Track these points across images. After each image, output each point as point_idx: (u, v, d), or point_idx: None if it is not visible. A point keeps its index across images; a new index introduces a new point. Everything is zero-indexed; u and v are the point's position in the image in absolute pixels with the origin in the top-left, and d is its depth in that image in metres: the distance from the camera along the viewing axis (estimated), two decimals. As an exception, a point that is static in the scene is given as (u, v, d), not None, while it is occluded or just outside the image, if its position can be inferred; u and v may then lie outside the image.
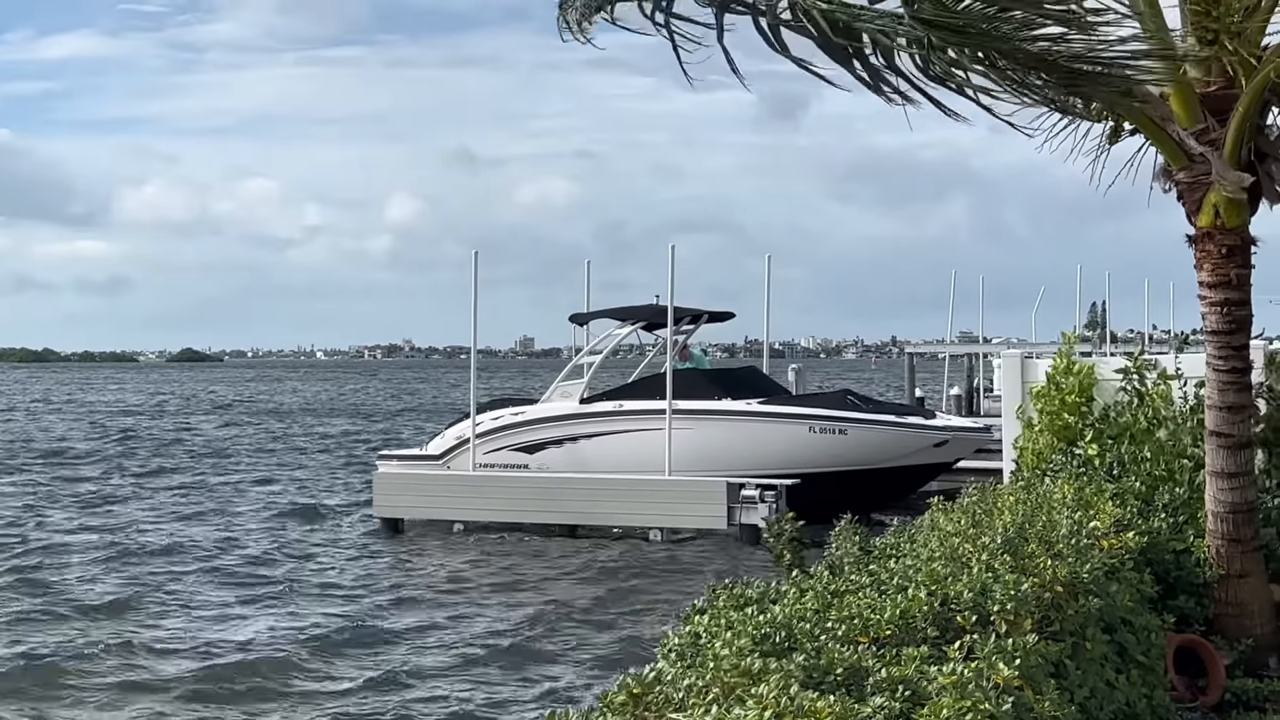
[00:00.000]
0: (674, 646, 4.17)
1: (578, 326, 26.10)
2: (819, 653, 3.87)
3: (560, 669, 13.51)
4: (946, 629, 4.30)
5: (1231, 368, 7.29)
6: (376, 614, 16.14)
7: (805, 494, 20.85)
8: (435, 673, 13.43)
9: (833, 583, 4.86)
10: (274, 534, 23.20)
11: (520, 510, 22.15)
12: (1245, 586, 7.34)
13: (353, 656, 14.03)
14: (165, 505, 27.49)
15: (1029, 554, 5.23)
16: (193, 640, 14.78)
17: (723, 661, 3.74)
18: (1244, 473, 7.34)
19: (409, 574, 19.23)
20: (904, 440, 22.80)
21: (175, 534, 23.05)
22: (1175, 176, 7.23)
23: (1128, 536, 6.53)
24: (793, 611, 4.30)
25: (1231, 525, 7.31)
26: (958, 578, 4.61)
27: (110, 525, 24.19)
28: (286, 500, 28.33)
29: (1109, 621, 5.43)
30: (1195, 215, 7.23)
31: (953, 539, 5.50)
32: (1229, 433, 7.30)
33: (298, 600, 17.18)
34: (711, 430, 22.57)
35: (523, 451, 23.56)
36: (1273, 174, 7.22)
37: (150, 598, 17.20)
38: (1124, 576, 6.01)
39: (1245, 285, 7.33)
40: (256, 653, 14.20)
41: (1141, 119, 7.19)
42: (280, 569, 19.50)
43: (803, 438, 22.58)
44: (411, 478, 23.58)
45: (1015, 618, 4.40)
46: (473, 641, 14.72)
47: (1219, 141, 6.98)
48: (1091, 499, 7.12)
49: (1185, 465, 8.17)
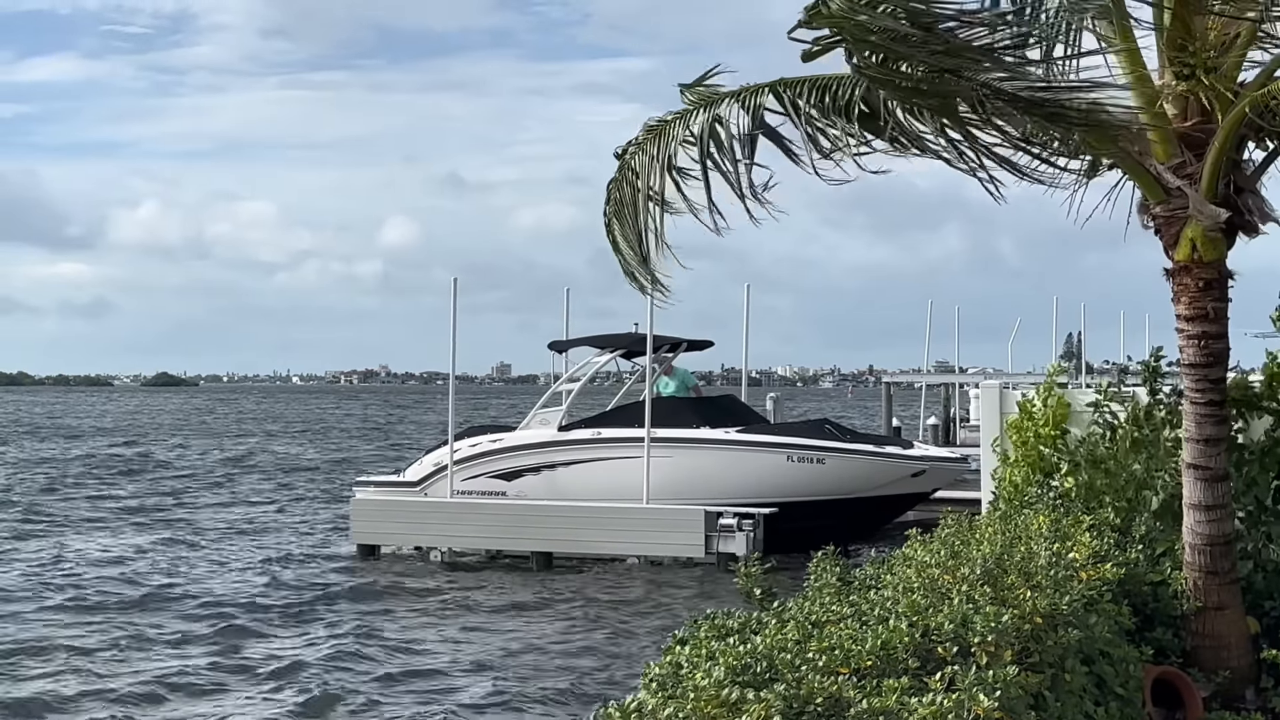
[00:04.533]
0: (655, 677, 4.16)
1: (557, 354, 26.10)
2: (799, 683, 3.87)
3: (539, 699, 13.43)
4: (927, 660, 4.30)
5: (1209, 400, 7.33)
6: (349, 641, 16.03)
7: (783, 523, 20.86)
8: (409, 702, 13.34)
9: (814, 613, 4.86)
10: (246, 561, 23.04)
11: (498, 537, 22.07)
12: (1223, 619, 7.36)
13: (325, 683, 13.91)
14: (115, 528, 27.31)
15: (1009, 585, 5.24)
16: (145, 667, 14.66)
17: (703, 692, 3.73)
18: (1221, 505, 7.37)
19: (384, 601, 19.11)
20: (881, 470, 22.84)
21: (128, 558, 22.90)
22: (1152, 210, 7.28)
23: (1105, 568, 6.55)
24: (774, 642, 4.30)
25: (1209, 558, 7.34)
26: (938, 609, 4.62)
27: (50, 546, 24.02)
28: (257, 526, 28.16)
29: (1088, 653, 5.45)
30: (1173, 249, 7.27)
31: (931, 570, 5.51)
32: (1206, 465, 7.33)
33: (270, 625, 17.05)
34: (689, 459, 22.56)
35: (501, 479, 23.49)
36: (1250, 208, 7.28)
37: (99, 621, 17.06)
38: (1102, 608, 6.02)
39: (1222, 319, 7.38)
40: (218, 681, 14.08)
41: (1118, 154, 7.24)
42: (254, 595, 19.37)
43: (780, 467, 22.58)
44: (388, 504, 23.48)
45: (996, 649, 4.41)
46: (449, 670, 14.63)
47: (1196, 176, 7.04)
48: (1069, 530, 7.14)
49: (1148, 497, 8.20)
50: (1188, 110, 7.17)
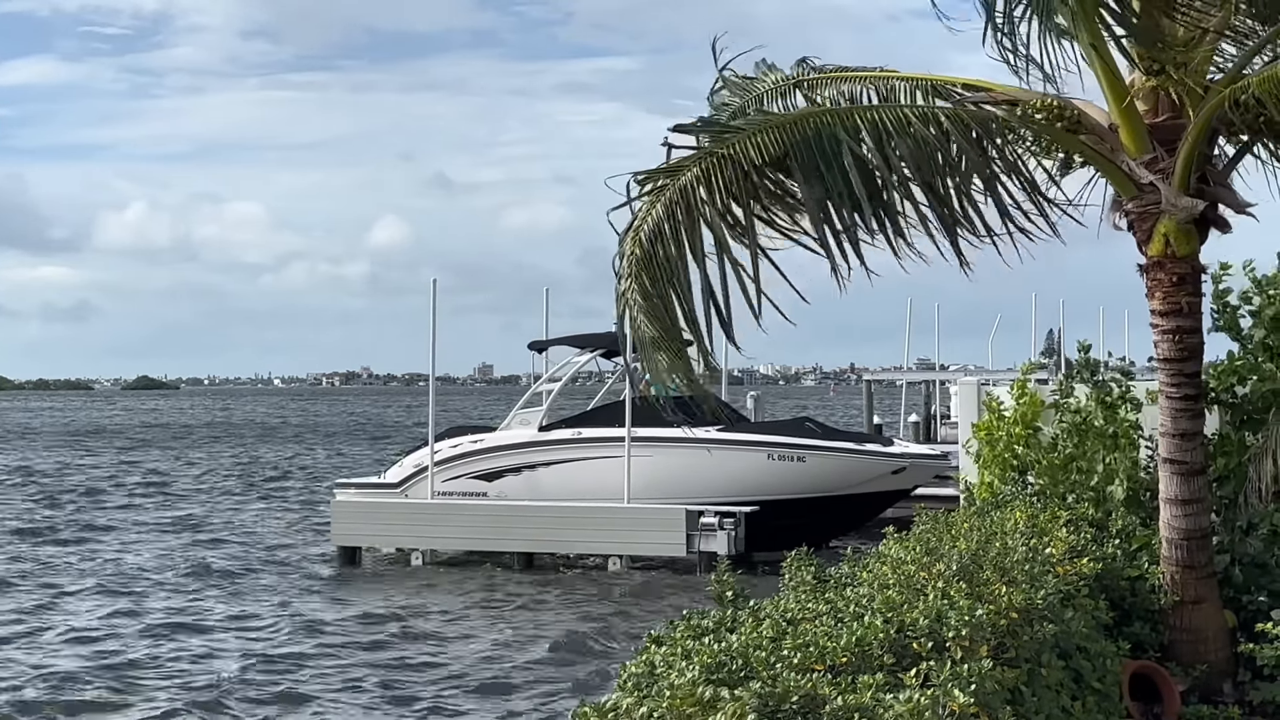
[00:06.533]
0: (630, 676, 4.15)
1: (536, 353, 26.05)
2: (774, 681, 3.86)
3: (517, 699, 13.42)
4: (903, 656, 4.30)
5: (1184, 395, 7.35)
6: (330, 643, 15.98)
7: (764, 521, 20.85)
8: (391, 703, 13.31)
9: (789, 611, 4.86)
10: (225, 565, 22.95)
11: (479, 538, 22.03)
12: (1200, 613, 7.39)
13: (306, 687, 13.87)
14: (99, 529, 27.18)
15: (984, 581, 5.25)
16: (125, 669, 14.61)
17: (678, 691, 3.72)
18: (1198, 499, 7.40)
19: (366, 603, 19.05)
20: (862, 467, 22.87)
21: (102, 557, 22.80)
22: (1125, 207, 7.30)
23: (1082, 563, 6.57)
24: (749, 640, 4.29)
25: (1186, 552, 7.37)
26: (914, 605, 4.62)
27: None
28: (235, 532, 28.07)
29: (1065, 648, 5.46)
30: (1146, 244, 7.30)
31: (907, 566, 5.51)
32: (1182, 459, 7.35)
33: (253, 629, 16.99)
34: (670, 458, 22.54)
35: (481, 479, 23.44)
36: (1222, 199, 7.32)
37: (77, 622, 16.99)
38: (1079, 603, 6.04)
39: (1196, 313, 7.41)
40: (199, 688, 14.03)
41: (1090, 152, 7.26)
42: (235, 595, 19.30)
43: (761, 465, 22.59)
44: (369, 506, 23.41)
45: (971, 644, 4.41)
46: (429, 671, 14.60)
47: (1168, 171, 7.07)
48: (1045, 525, 7.16)
49: (1113, 492, 8.23)
50: (1158, 106, 7.20)
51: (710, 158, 6.92)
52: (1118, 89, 7.09)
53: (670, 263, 6.85)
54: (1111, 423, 8.60)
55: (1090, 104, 7.33)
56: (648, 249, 6.86)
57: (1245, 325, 8.59)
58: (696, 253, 6.85)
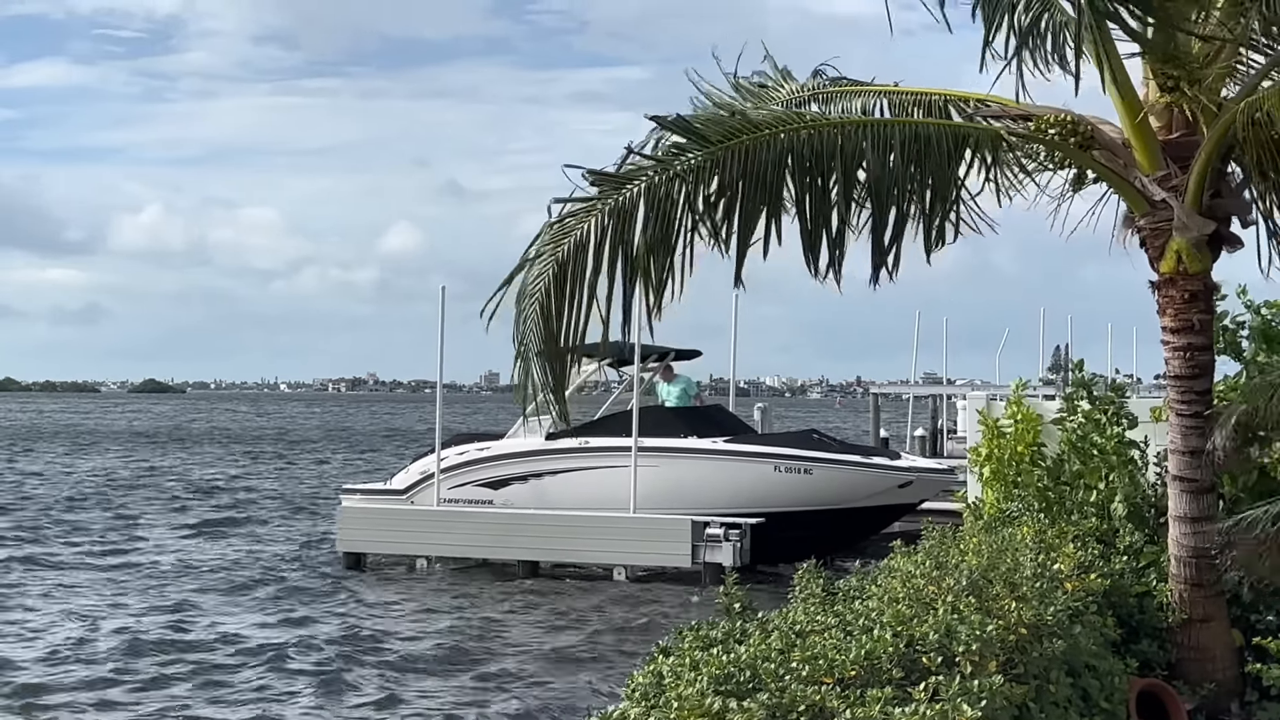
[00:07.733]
0: (638, 686, 4.14)
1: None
2: (783, 693, 3.85)
3: (521, 708, 13.38)
4: (912, 670, 4.29)
5: (1194, 412, 7.33)
6: (334, 650, 15.96)
7: (770, 533, 20.82)
8: (390, 709, 13.28)
9: (798, 623, 4.85)
10: (230, 570, 22.96)
11: (484, 546, 22.01)
12: (1207, 631, 7.36)
13: (310, 694, 13.86)
14: (101, 533, 27.21)
15: (994, 596, 5.23)
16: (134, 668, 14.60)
17: (685, 701, 3.72)
18: (1206, 517, 7.37)
19: (370, 610, 19.05)
20: (869, 481, 22.81)
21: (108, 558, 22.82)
22: (1138, 223, 7.29)
23: (1090, 579, 6.55)
24: (757, 651, 4.28)
25: (1194, 570, 7.34)
26: (923, 619, 4.61)
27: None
28: (242, 535, 28.07)
29: (1073, 665, 5.44)
30: (1158, 261, 7.29)
31: (916, 580, 5.50)
32: (1191, 477, 7.33)
33: (256, 633, 16.99)
34: (677, 468, 22.52)
35: (487, 487, 23.42)
36: (1235, 218, 7.30)
37: (84, 624, 17.00)
38: (1087, 620, 6.02)
39: (1208, 330, 7.40)
40: (204, 689, 14.02)
41: (1103, 168, 7.26)
42: (238, 602, 19.31)
43: (768, 477, 22.55)
44: (375, 512, 23.42)
45: (980, 659, 4.40)
46: (435, 680, 14.58)
47: (1181, 188, 7.05)
48: (1053, 541, 7.14)
49: (1116, 509, 8.21)
50: (1172, 123, 7.19)
51: (662, 173, 6.96)
52: (1131, 105, 7.09)
53: (581, 277, 7.01)
54: (1106, 439, 8.61)
55: (1103, 120, 7.33)
56: (564, 261, 7.03)
57: (1246, 347, 8.62)
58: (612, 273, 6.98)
